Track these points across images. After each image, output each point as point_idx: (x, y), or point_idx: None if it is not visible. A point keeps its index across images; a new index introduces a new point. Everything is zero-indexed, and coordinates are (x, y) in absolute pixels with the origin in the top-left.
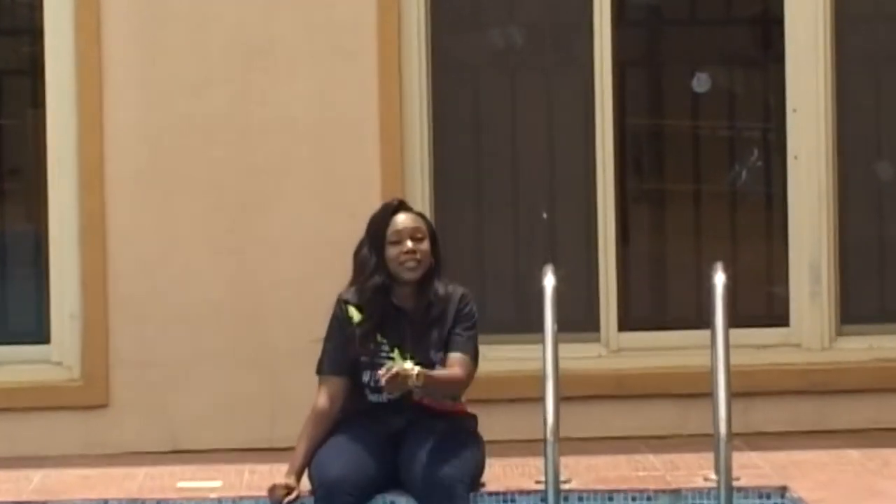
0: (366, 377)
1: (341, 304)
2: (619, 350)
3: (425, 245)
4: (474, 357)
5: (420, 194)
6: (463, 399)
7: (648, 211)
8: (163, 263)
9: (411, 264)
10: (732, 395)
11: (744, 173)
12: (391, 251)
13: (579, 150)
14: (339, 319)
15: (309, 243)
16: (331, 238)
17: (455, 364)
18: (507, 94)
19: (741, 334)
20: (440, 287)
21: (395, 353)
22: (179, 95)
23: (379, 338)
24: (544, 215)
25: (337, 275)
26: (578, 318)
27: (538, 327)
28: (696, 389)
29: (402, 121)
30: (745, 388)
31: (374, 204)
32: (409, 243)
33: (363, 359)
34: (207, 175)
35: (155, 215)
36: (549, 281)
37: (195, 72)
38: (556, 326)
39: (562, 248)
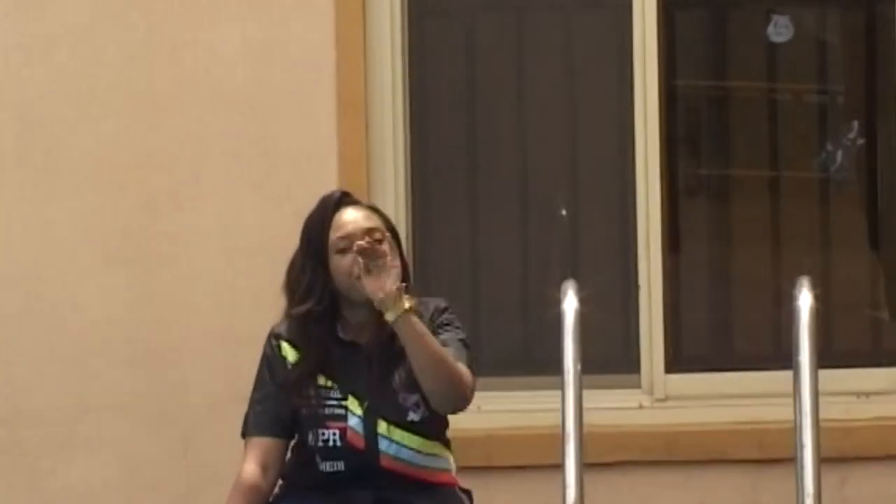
0: (311, 438)
1: (272, 340)
2: (666, 399)
3: (384, 247)
4: (471, 367)
5: (392, 186)
6: (451, 465)
7: (706, 207)
8: (35, 280)
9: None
10: (823, 460)
11: (839, 155)
12: (339, 262)
13: (612, 123)
14: (270, 361)
15: (237, 252)
16: (268, 245)
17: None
18: (512, 46)
19: (836, 377)
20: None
21: (349, 402)
22: (59, 45)
23: (324, 381)
24: (563, 213)
25: (277, 296)
26: (611, 356)
27: (555, 368)
28: (772, 453)
29: (366, 83)
30: (842, 452)
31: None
32: None
33: (304, 412)
34: (96, 157)
35: (23, 213)
36: (570, 304)
37: (79, 12)
38: (579, 366)
39: (588, 258)
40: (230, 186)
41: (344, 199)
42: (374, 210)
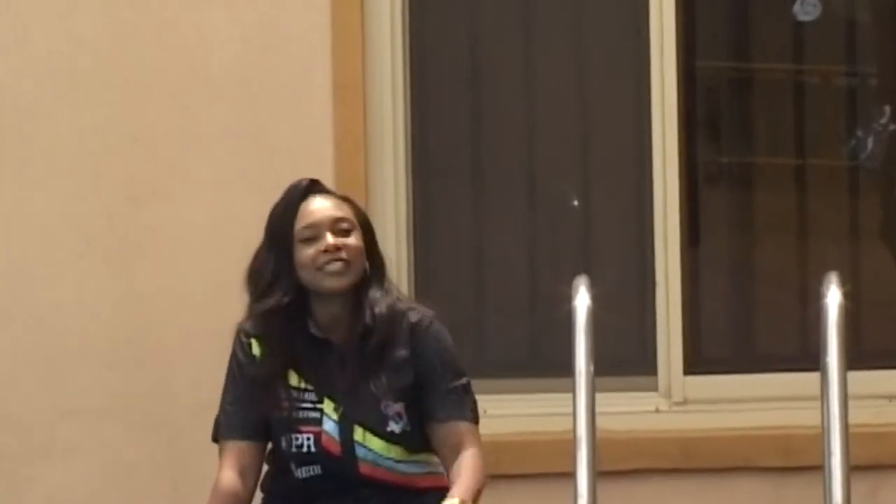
0: (284, 444)
1: (241, 337)
2: (684, 402)
3: (354, 239)
4: (476, 415)
5: (391, 177)
6: (441, 467)
7: (728, 197)
8: (10, 276)
9: (335, 266)
10: (853, 468)
11: (869, 142)
12: (304, 252)
13: (626, 107)
14: (239, 360)
15: (227, 246)
16: (260, 238)
17: (462, 442)
18: (520, 26)
19: (866, 379)
20: (380, 302)
21: (325, 406)
22: (34, 27)
23: (297, 382)
24: (574, 204)
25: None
26: (626, 356)
27: (566, 369)
28: (798, 460)
29: (364, 66)
30: (873, 459)
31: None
32: (330, 237)
33: (276, 415)
34: (76, 146)
35: None
36: (582, 301)
37: None
38: (592, 367)
39: (601, 252)
40: (219, 176)
41: (312, 187)
42: (346, 200)
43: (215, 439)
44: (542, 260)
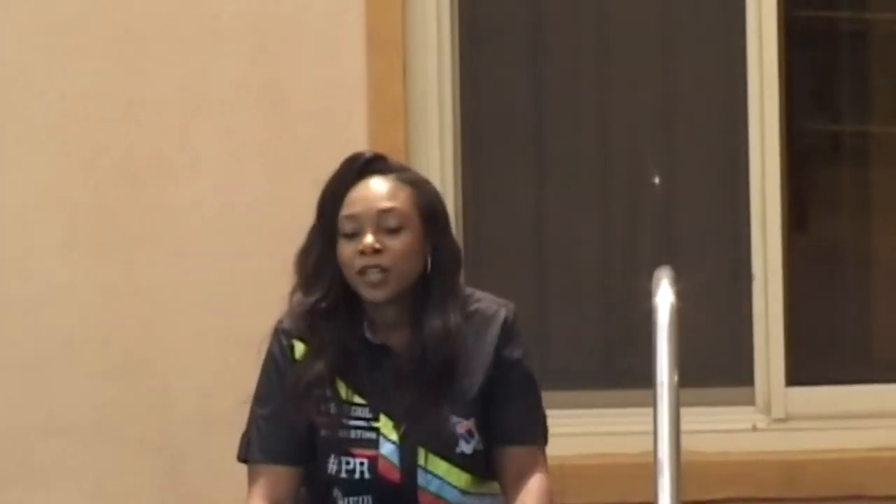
0: (332, 467)
1: (281, 338)
2: (787, 418)
3: (401, 240)
4: (546, 433)
5: (437, 148)
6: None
7: (839, 175)
8: None
9: (371, 277)
10: None
11: None
12: (344, 249)
13: (717, 66)
14: (279, 366)
15: (239, 233)
16: (278, 224)
17: (530, 467)
18: None
19: None
20: (437, 315)
21: (381, 424)
22: None
23: (348, 395)
24: (655, 182)
25: (288, 287)
26: (717, 364)
27: (644, 380)
28: None
29: (405, 14)
30: None
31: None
32: (369, 237)
33: (324, 433)
34: (61, 114)
35: None
36: (664, 298)
37: None
38: (676, 378)
39: (687, 240)
40: (231, 148)
41: (372, 163)
42: (411, 183)
43: (244, 460)
44: (617, 249)
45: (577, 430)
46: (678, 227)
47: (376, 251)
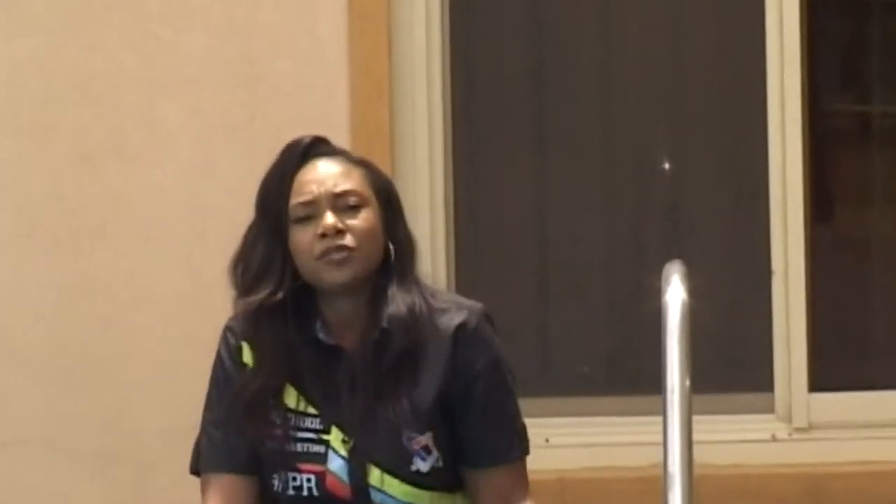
0: (277, 483)
1: (229, 338)
2: (810, 428)
3: (363, 218)
4: (525, 445)
5: (425, 129)
6: None
7: (869, 158)
8: None
9: (335, 256)
10: None
11: None
12: (298, 236)
13: (732, 36)
14: (227, 369)
15: (208, 222)
16: (251, 212)
17: (509, 491)
18: None
19: None
20: (400, 299)
21: (332, 437)
22: None
23: (297, 403)
24: (665, 167)
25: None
26: (733, 368)
27: (653, 385)
28: None
29: None
30: None
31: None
32: (329, 217)
33: (268, 445)
34: (6, 88)
35: None
36: (674, 295)
37: None
38: (688, 383)
39: (699, 232)
40: (198, 130)
41: (314, 147)
42: (361, 164)
43: (195, 471)
44: (623, 241)
45: (579, 440)
46: (690, 218)
47: (339, 231)
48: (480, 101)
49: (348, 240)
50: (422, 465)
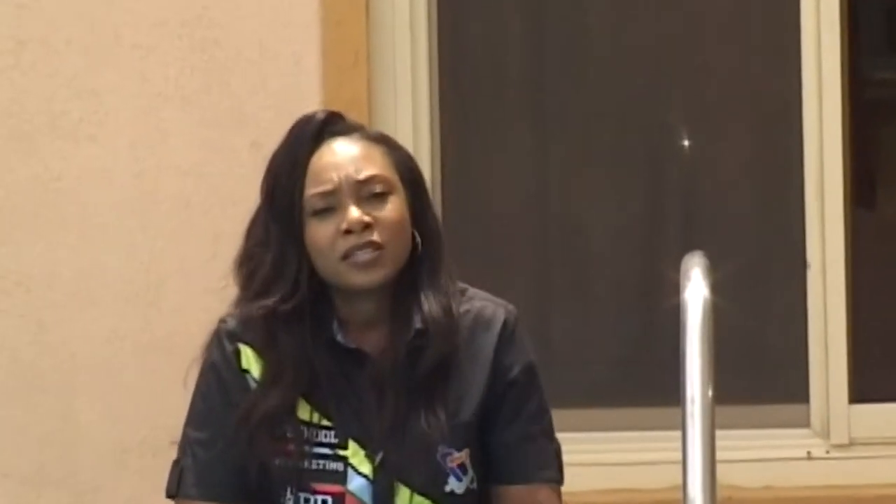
0: (288, 502)
1: (225, 342)
2: (850, 444)
3: (392, 208)
4: (562, 472)
5: (408, 99)
6: None
7: None
8: None
9: (364, 256)
10: None
11: None
12: (318, 232)
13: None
14: (221, 377)
15: (160, 213)
16: (216, 201)
17: None
18: None
19: None
20: (434, 298)
21: (350, 452)
22: None
23: (310, 415)
24: (684, 144)
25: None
26: (762, 376)
27: (670, 395)
28: None
29: None
30: None
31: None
32: (354, 211)
33: (277, 463)
34: None
35: None
36: (695, 291)
37: None
38: (711, 392)
39: (723, 221)
40: (147, 102)
41: (329, 125)
42: (381, 141)
43: (173, 495)
44: (636, 231)
45: (588, 458)
46: (712, 203)
47: (366, 226)
48: (472, 70)
49: (377, 235)
50: (456, 486)
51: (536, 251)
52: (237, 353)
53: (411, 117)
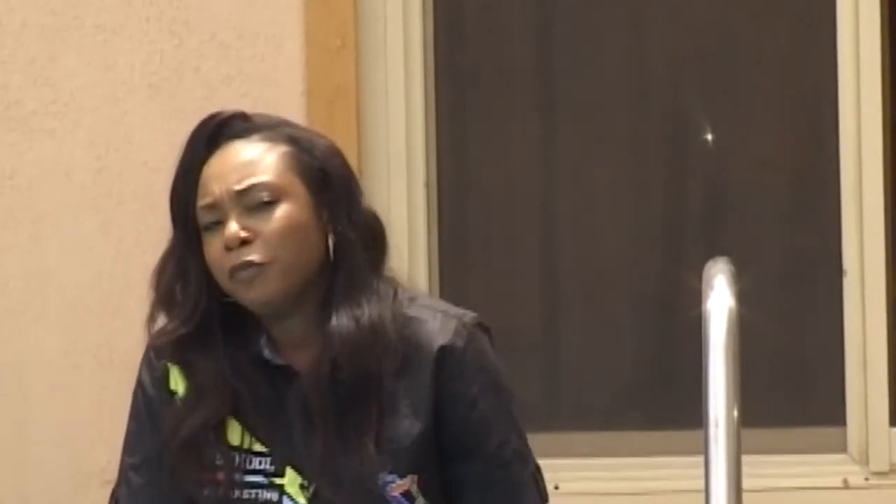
0: None
1: (152, 358)
2: (891, 472)
3: (279, 217)
4: (544, 495)
5: (400, 87)
6: None
7: None
8: None
9: (244, 273)
10: None
11: None
12: (208, 246)
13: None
14: (148, 397)
15: (124, 208)
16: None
17: None
18: None
19: None
20: (349, 310)
21: (288, 480)
22: None
23: (241, 439)
24: (707, 138)
25: None
26: (794, 396)
27: (691, 417)
28: None
29: None
30: None
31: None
32: (233, 225)
33: (207, 492)
34: None
35: None
36: (719, 301)
37: None
38: (736, 414)
39: (750, 223)
40: (110, 90)
41: (226, 127)
42: (288, 140)
43: None
44: (653, 235)
45: (601, 486)
46: (738, 203)
47: (243, 242)
48: (472, 54)
49: (256, 251)
50: None
51: (542, 256)
52: (165, 373)
53: (404, 107)
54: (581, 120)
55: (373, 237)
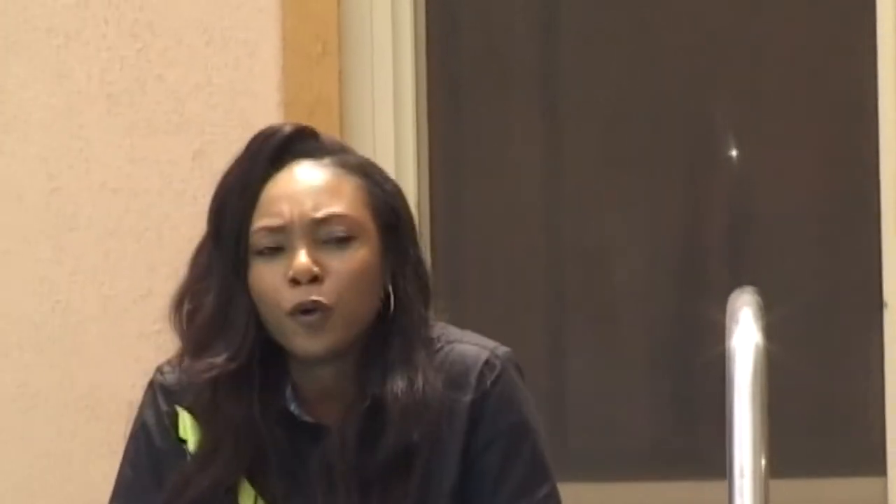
0: None
1: (160, 398)
2: None
3: (353, 258)
4: None
5: (389, 95)
6: None
7: None
8: None
9: (307, 318)
10: None
11: None
12: (261, 274)
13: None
14: (152, 440)
15: (86, 231)
16: (146, 219)
17: None
18: None
19: None
20: (422, 369)
21: None
22: None
23: (253, 501)
24: (732, 154)
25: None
26: (827, 442)
27: (714, 465)
28: None
29: None
30: None
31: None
32: (303, 256)
33: None
34: None
35: None
36: (745, 336)
37: None
38: (764, 461)
39: (777, 251)
40: (67, 101)
41: (295, 143)
42: (361, 172)
43: None
44: (671, 262)
45: None
46: (765, 227)
47: (314, 279)
48: (467, 62)
49: (326, 293)
50: None
51: (547, 285)
52: (174, 418)
53: (392, 121)
54: (589, 134)
55: (426, 289)
